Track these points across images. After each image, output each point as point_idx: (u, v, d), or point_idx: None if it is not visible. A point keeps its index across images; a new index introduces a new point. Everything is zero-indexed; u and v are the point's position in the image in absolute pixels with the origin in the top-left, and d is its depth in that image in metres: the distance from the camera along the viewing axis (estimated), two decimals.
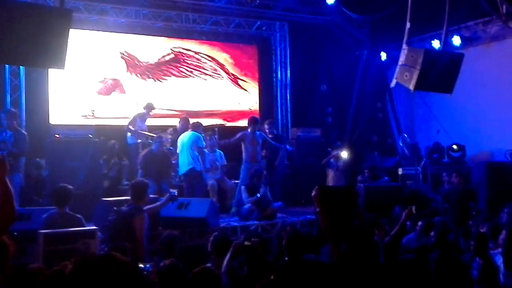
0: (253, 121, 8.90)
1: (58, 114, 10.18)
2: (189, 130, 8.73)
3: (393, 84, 7.54)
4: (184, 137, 8.56)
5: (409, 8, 7.37)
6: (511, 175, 8.71)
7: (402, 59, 7.30)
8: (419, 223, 6.19)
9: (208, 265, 4.23)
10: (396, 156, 11.73)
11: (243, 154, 8.77)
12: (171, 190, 6.37)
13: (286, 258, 4.12)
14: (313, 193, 3.73)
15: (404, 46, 7.36)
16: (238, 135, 8.90)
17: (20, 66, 9.36)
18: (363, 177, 9.58)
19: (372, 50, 12.38)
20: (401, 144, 11.47)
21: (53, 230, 4.86)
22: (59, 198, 5.41)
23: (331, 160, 10.07)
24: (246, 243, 4.29)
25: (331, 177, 10.03)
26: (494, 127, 10.07)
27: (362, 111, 12.57)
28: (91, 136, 8.88)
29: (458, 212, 7.62)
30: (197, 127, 8.81)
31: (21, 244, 5.67)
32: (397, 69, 7.32)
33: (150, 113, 9.43)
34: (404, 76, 7.26)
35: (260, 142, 8.84)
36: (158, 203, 6.05)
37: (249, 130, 8.80)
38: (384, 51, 12.21)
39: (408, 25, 7.47)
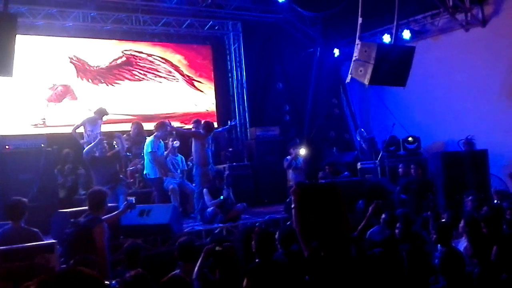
0: (206, 127, 8.75)
1: (7, 124, 9.71)
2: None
3: (348, 79, 7.62)
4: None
5: (360, 3, 7.46)
6: (465, 164, 8.99)
7: (356, 54, 7.38)
8: (382, 216, 6.25)
9: (177, 271, 4.11)
10: (354, 151, 11.90)
11: (194, 157, 8.63)
12: (129, 198, 6.16)
13: (257, 260, 4.06)
14: (292, 189, 3.66)
15: (357, 41, 7.45)
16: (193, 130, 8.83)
17: None
18: (323, 173, 9.64)
19: (325, 47, 12.51)
20: (358, 139, 11.64)
21: (8, 247, 4.58)
22: (13, 212, 5.13)
23: (288, 158, 10.03)
24: (218, 248, 4.20)
25: (290, 176, 10.03)
26: (446, 118, 10.36)
27: (319, 107, 12.69)
28: (43, 145, 8.55)
29: (417, 203, 7.79)
30: (158, 127, 8.60)
31: None
32: (352, 64, 7.40)
33: (102, 118, 9.08)
34: (359, 71, 7.34)
35: (210, 143, 8.77)
36: (116, 212, 5.85)
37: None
38: (336, 47, 12.37)
39: (360, 20, 7.56)
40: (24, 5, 9.61)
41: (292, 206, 3.10)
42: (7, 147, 8.24)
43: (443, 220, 5.90)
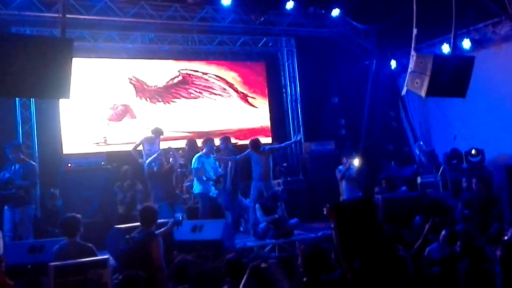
0: (253, 144, 8.89)
1: (70, 143, 10.22)
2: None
3: (404, 91, 7.40)
4: None
5: (414, 13, 7.25)
6: None
7: (411, 66, 7.16)
8: (442, 232, 5.96)
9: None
10: (413, 165, 11.49)
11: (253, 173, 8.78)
12: (176, 214, 6.25)
13: (305, 279, 3.96)
14: (325, 210, 3.58)
15: (413, 52, 7.22)
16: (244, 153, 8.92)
17: (31, 98, 9.43)
18: (380, 188, 9.36)
19: (381, 59, 12.26)
20: (417, 152, 11.25)
21: (63, 262, 4.76)
22: (68, 228, 5.33)
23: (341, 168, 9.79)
24: (263, 265, 4.15)
25: (343, 188, 9.76)
26: (511, 128, 9.81)
27: (376, 120, 12.42)
28: (103, 163, 8.91)
29: (480, 219, 7.39)
30: (203, 144, 8.75)
31: (34, 278, 5.62)
32: (407, 76, 7.18)
33: (160, 137, 9.37)
34: (415, 83, 7.11)
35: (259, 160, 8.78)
36: (163, 229, 5.95)
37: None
38: (393, 59, 12.09)
39: (415, 31, 7.34)
40: (85, 29, 10.12)
41: (332, 226, 3.02)
42: (69, 165, 8.65)
43: (507, 237, 5.55)
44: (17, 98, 9.45)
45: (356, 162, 9.65)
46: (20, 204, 7.17)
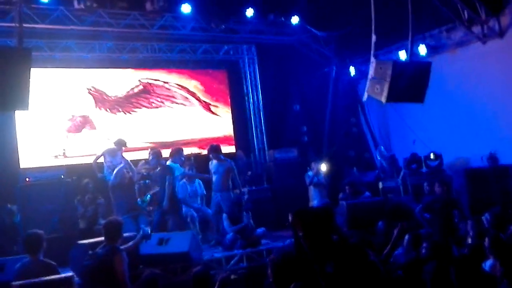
0: (214, 149, 8.64)
1: (28, 157, 9.87)
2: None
3: (365, 98, 7.51)
4: None
5: (373, 20, 7.39)
6: (490, 180, 8.75)
7: (371, 72, 7.29)
8: (406, 237, 6.06)
9: None
10: (374, 170, 11.69)
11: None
12: (145, 228, 6.12)
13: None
14: (290, 219, 3.58)
15: (372, 59, 7.35)
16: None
17: None
18: (344, 194, 9.46)
19: (340, 66, 12.45)
20: (378, 158, 11.46)
21: (27, 281, 4.57)
22: (30, 245, 5.13)
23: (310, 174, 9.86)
24: (233, 276, 4.11)
25: (312, 193, 9.82)
26: (468, 132, 10.12)
27: (337, 127, 12.58)
28: (63, 176, 8.62)
29: (442, 222, 7.56)
30: (172, 155, 8.58)
31: None
32: (368, 82, 7.30)
33: (122, 148, 9.13)
34: (375, 89, 7.24)
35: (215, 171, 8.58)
36: (131, 242, 5.81)
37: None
38: (352, 66, 12.30)
39: (373, 38, 7.48)
40: (41, 39, 9.82)
41: (299, 234, 3.02)
42: (27, 179, 8.35)
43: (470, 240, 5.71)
44: None
45: (324, 167, 9.74)
46: None
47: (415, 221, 7.78)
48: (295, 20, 11.60)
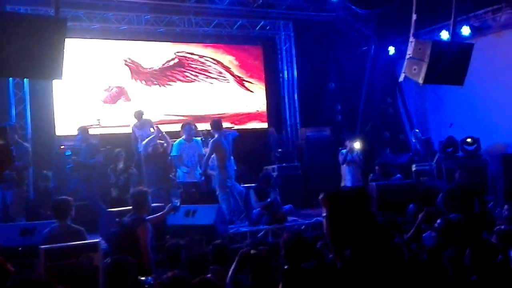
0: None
1: (64, 125, 10.11)
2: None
3: (401, 78, 7.33)
4: None
5: None
6: None
7: (409, 52, 7.08)
8: (437, 221, 5.94)
9: (208, 275, 4.05)
10: (409, 152, 11.46)
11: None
12: (174, 200, 6.20)
13: (286, 266, 3.92)
14: (320, 197, 3.55)
15: (411, 38, 7.14)
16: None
17: (24, 79, 9.31)
18: (374, 175, 9.30)
19: (380, 45, 12.15)
20: (413, 140, 11.21)
21: (54, 245, 4.70)
22: (59, 211, 5.28)
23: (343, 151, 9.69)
24: (253, 251, 4.11)
25: (345, 171, 9.61)
26: (508, 117, 9.76)
27: (373, 107, 12.36)
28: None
29: (464, 209, 7.35)
30: (182, 127, 8.50)
31: (26, 260, 5.58)
32: (405, 62, 7.10)
33: (144, 119, 9.19)
34: (413, 70, 7.04)
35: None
36: (159, 213, 5.90)
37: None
38: (392, 45, 11.98)
39: (414, 16, 7.25)
40: (81, 9, 9.96)
41: (323, 215, 2.98)
42: (62, 146, 8.59)
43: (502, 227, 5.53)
44: (10, 78, 9.33)
45: (357, 145, 9.56)
46: (13, 186, 7.10)
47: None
48: None
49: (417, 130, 11.19)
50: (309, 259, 3.81)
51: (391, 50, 11.98)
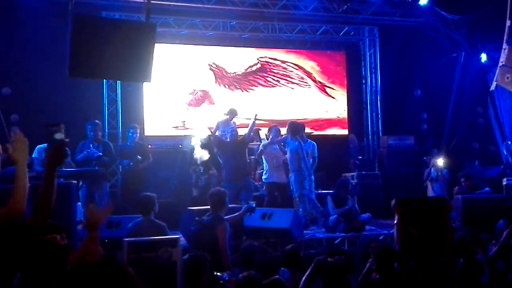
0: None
1: (152, 125, 10.63)
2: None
3: (493, 87, 7.04)
4: None
5: (508, 4, 6.79)
6: None
7: (502, 59, 6.78)
8: None
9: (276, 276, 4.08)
10: (499, 165, 10.81)
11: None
12: (250, 202, 6.30)
13: (377, 276, 3.85)
14: (392, 203, 3.47)
15: (504, 45, 6.83)
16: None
17: (117, 81, 9.90)
18: (460, 187, 8.87)
19: (470, 52, 11.60)
20: (505, 152, 10.57)
21: (136, 238, 4.96)
22: (143, 206, 5.55)
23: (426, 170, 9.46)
24: (329, 259, 4.08)
25: (430, 189, 9.42)
26: None
27: (461, 116, 11.82)
28: (180, 146, 9.19)
29: None
30: (269, 130, 8.72)
31: (110, 251, 5.92)
32: (497, 70, 6.78)
33: (233, 119, 9.43)
34: (506, 78, 6.72)
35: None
36: (236, 214, 6.03)
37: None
38: (484, 52, 11.38)
39: (508, 22, 6.91)
40: (170, 16, 10.43)
41: (394, 222, 2.91)
42: (149, 146, 9.02)
43: None
44: (104, 80, 9.96)
45: (441, 162, 9.23)
46: (100, 181, 7.52)
47: None
48: (423, 1, 11.00)
49: (509, 142, 10.55)
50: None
51: (483, 57, 11.39)
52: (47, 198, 2.76)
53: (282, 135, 9.35)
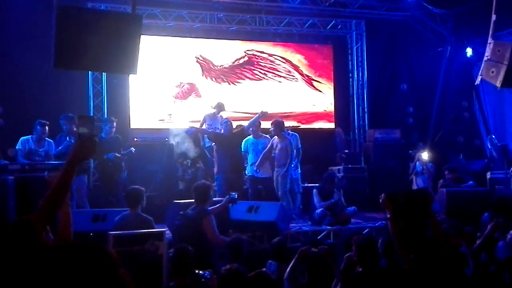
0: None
1: (137, 118, 10.56)
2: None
3: (478, 81, 7.05)
4: None
5: None
6: None
7: (487, 53, 6.77)
8: (510, 232, 5.63)
9: (264, 269, 4.10)
10: (484, 159, 10.93)
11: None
12: (231, 193, 6.28)
13: (360, 269, 3.88)
14: (381, 199, 3.50)
15: (490, 40, 6.82)
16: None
17: (102, 73, 9.79)
18: (445, 181, 8.95)
19: (456, 46, 11.68)
20: (489, 146, 10.68)
21: (122, 232, 4.94)
22: (131, 199, 5.52)
23: (410, 164, 9.55)
24: (313, 249, 4.11)
25: (414, 183, 9.50)
26: None
27: (446, 110, 11.91)
28: (166, 139, 9.14)
29: None
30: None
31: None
32: (483, 64, 6.80)
33: (220, 113, 9.43)
34: (490, 72, 6.73)
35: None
36: (217, 205, 6.02)
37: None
38: (470, 47, 11.47)
39: (494, 17, 6.92)
40: (157, 7, 10.34)
41: (387, 217, 2.93)
42: (135, 139, 8.96)
43: None
44: (90, 73, 9.85)
45: (425, 156, 9.31)
46: (78, 172, 7.41)
47: None
48: None
49: (493, 136, 10.65)
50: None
51: (469, 51, 11.48)
52: (59, 198, 2.37)
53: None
